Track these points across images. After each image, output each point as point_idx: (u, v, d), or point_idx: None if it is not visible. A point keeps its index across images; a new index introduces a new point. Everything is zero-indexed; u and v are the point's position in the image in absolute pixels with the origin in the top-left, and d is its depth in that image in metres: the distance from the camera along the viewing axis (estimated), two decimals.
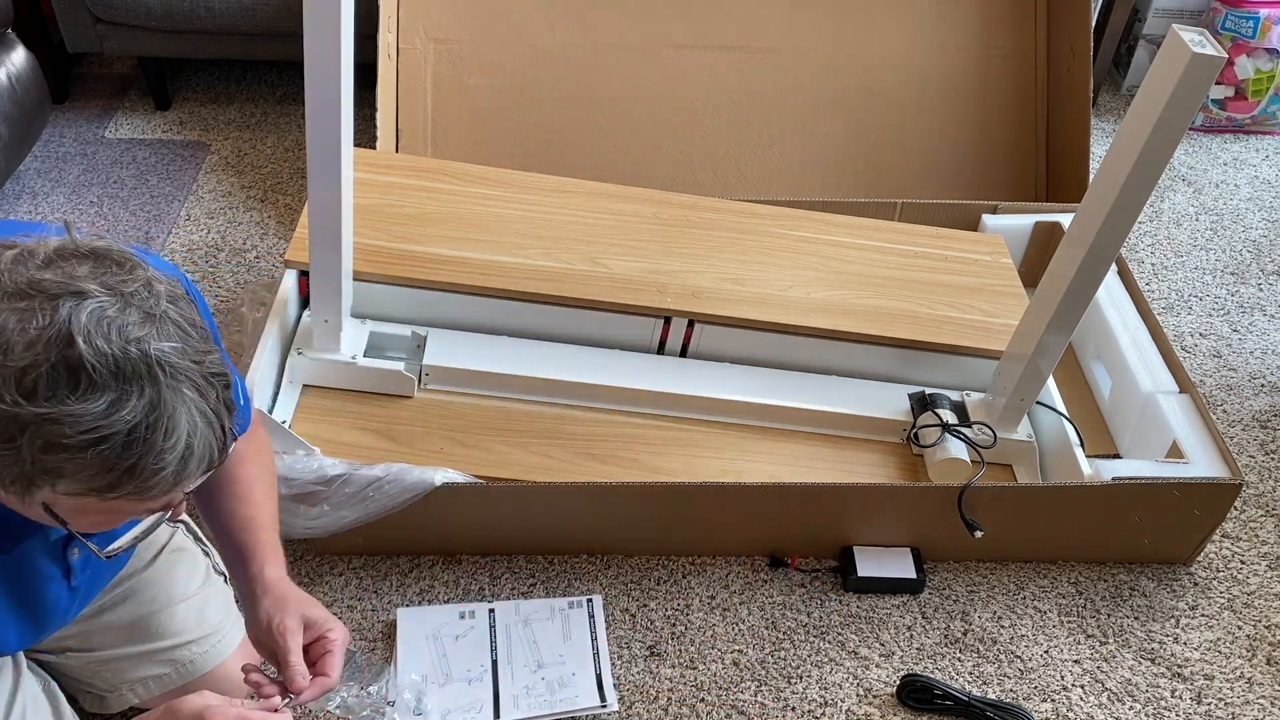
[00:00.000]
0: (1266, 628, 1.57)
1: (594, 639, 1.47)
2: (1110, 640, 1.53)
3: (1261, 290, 2.20)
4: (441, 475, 1.44)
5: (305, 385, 1.60)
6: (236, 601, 1.31)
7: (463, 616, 1.48)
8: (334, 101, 1.30)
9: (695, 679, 1.44)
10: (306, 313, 1.60)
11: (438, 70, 2.11)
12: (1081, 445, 1.60)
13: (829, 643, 1.50)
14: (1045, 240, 2.03)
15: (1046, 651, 1.51)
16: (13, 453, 0.75)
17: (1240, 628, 1.56)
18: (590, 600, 1.51)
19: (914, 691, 1.43)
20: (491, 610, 1.49)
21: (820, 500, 1.52)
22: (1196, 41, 1.22)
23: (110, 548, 0.91)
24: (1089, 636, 1.53)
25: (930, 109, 2.21)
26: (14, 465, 0.76)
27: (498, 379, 1.62)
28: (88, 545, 0.90)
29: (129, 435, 0.75)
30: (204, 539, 1.33)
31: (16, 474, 0.77)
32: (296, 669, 1.04)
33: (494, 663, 1.43)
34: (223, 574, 1.32)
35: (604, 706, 1.39)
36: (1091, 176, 2.08)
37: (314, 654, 1.08)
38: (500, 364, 1.62)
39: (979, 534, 1.51)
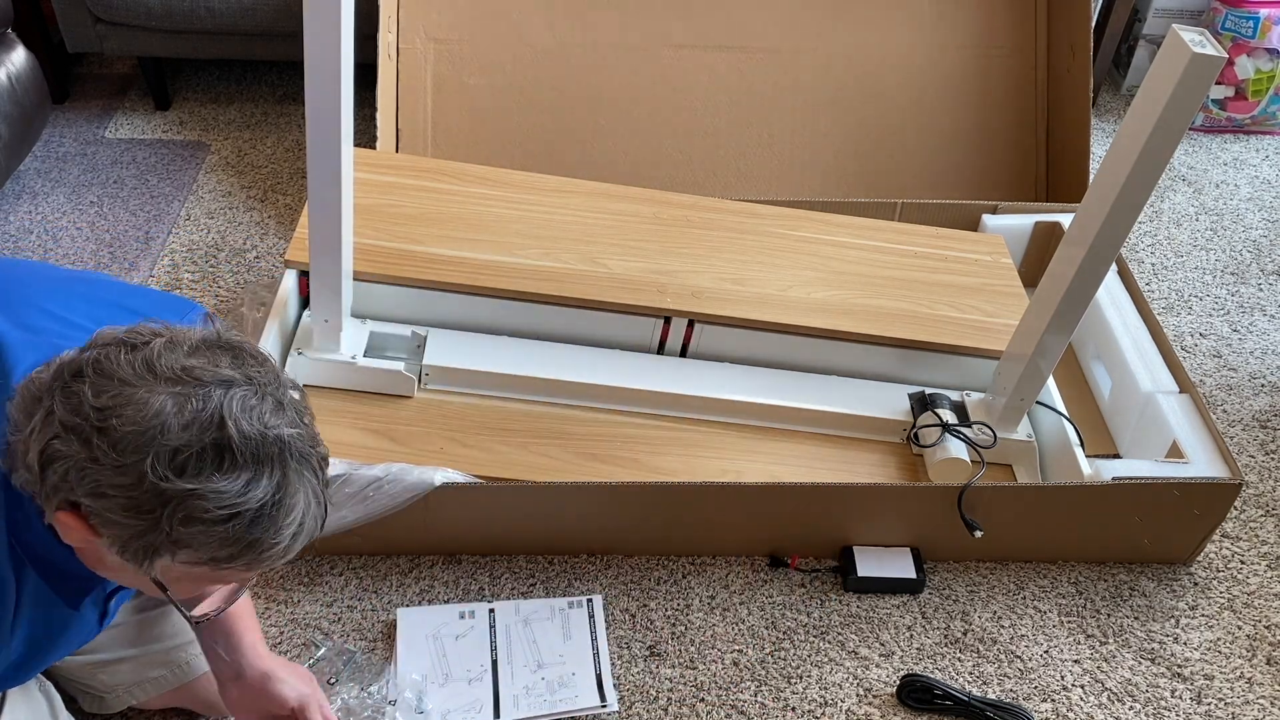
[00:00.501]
0: (1266, 628, 1.57)
1: (594, 639, 1.47)
2: (1110, 640, 1.53)
3: (1261, 290, 2.20)
4: (441, 475, 1.44)
5: (305, 385, 1.60)
6: None
7: (463, 616, 1.48)
8: (334, 101, 1.30)
9: (695, 679, 1.44)
10: (306, 313, 1.60)
11: (438, 70, 2.11)
12: (1081, 445, 1.60)
13: (829, 643, 1.50)
14: (1045, 240, 2.03)
15: (1046, 651, 1.51)
16: (150, 523, 0.81)
17: (1240, 628, 1.56)
18: (590, 600, 1.51)
19: (914, 691, 1.43)
20: (491, 610, 1.49)
21: (820, 500, 1.52)
22: (1196, 41, 1.22)
23: (198, 612, 0.96)
24: (1089, 636, 1.53)
25: (930, 109, 2.21)
26: (147, 535, 0.82)
27: (498, 379, 1.62)
28: (180, 610, 0.96)
29: (258, 512, 0.82)
30: None
31: (146, 543, 0.83)
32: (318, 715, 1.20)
33: (494, 662, 1.43)
34: None
35: (604, 706, 1.39)
36: (1091, 176, 2.08)
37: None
38: (500, 364, 1.62)
39: (979, 534, 1.51)
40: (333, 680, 1.38)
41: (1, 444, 0.87)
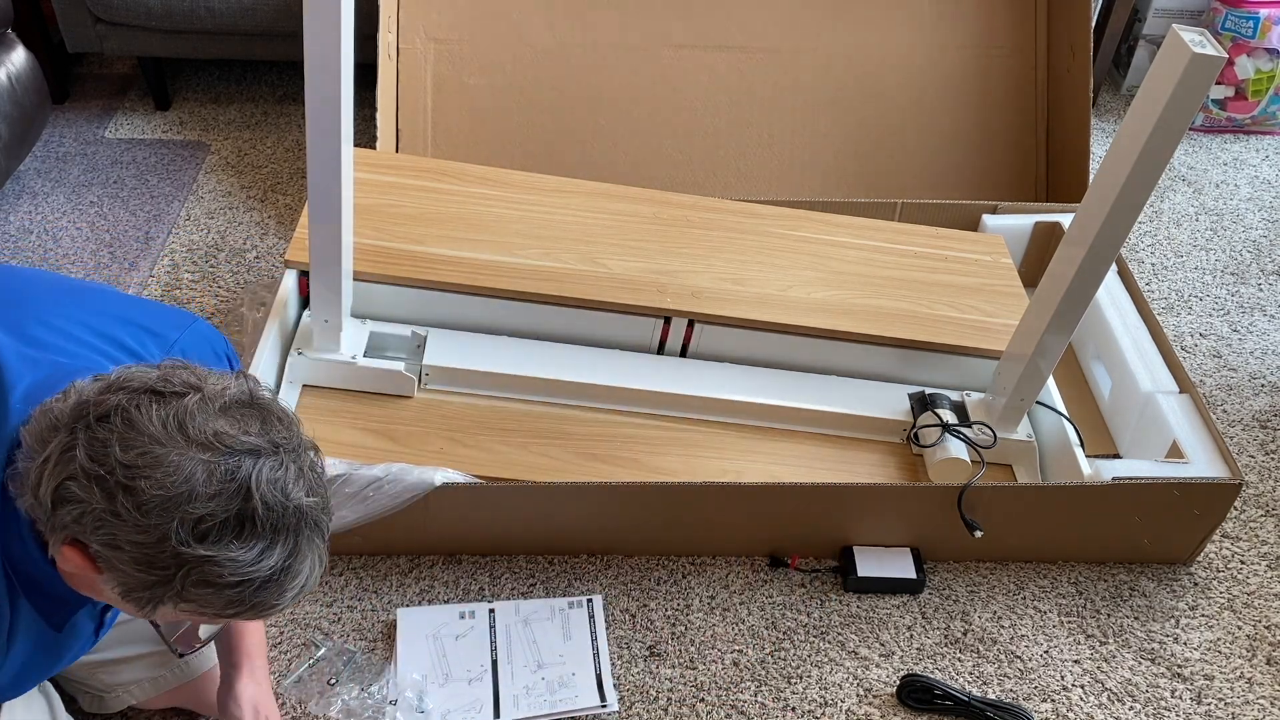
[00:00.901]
0: (1266, 628, 1.57)
1: (594, 639, 1.47)
2: (1110, 640, 1.53)
3: (1261, 290, 2.20)
4: (441, 475, 1.44)
5: (305, 385, 1.60)
6: None
7: (463, 616, 1.48)
8: (334, 101, 1.30)
9: (695, 679, 1.44)
10: (306, 313, 1.60)
11: (438, 70, 2.11)
12: (1081, 445, 1.60)
13: (829, 643, 1.50)
14: (1045, 240, 2.03)
15: (1046, 651, 1.51)
16: (161, 579, 0.83)
17: (1240, 628, 1.56)
18: (590, 600, 1.51)
19: (914, 691, 1.43)
20: (491, 610, 1.49)
21: (820, 500, 1.52)
22: (1196, 41, 1.22)
23: (188, 651, 1.00)
24: (1089, 636, 1.53)
25: (930, 109, 2.21)
26: (157, 589, 0.84)
27: (498, 379, 1.62)
28: (169, 644, 1.00)
29: (267, 578, 0.84)
30: None
31: (152, 594, 0.84)
32: None
33: (494, 662, 1.43)
34: None
35: (604, 706, 1.39)
36: (1091, 176, 2.08)
37: None
38: (500, 364, 1.62)
39: (979, 534, 1.51)
40: (333, 680, 1.38)
41: (1, 462, 0.87)
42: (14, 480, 0.86)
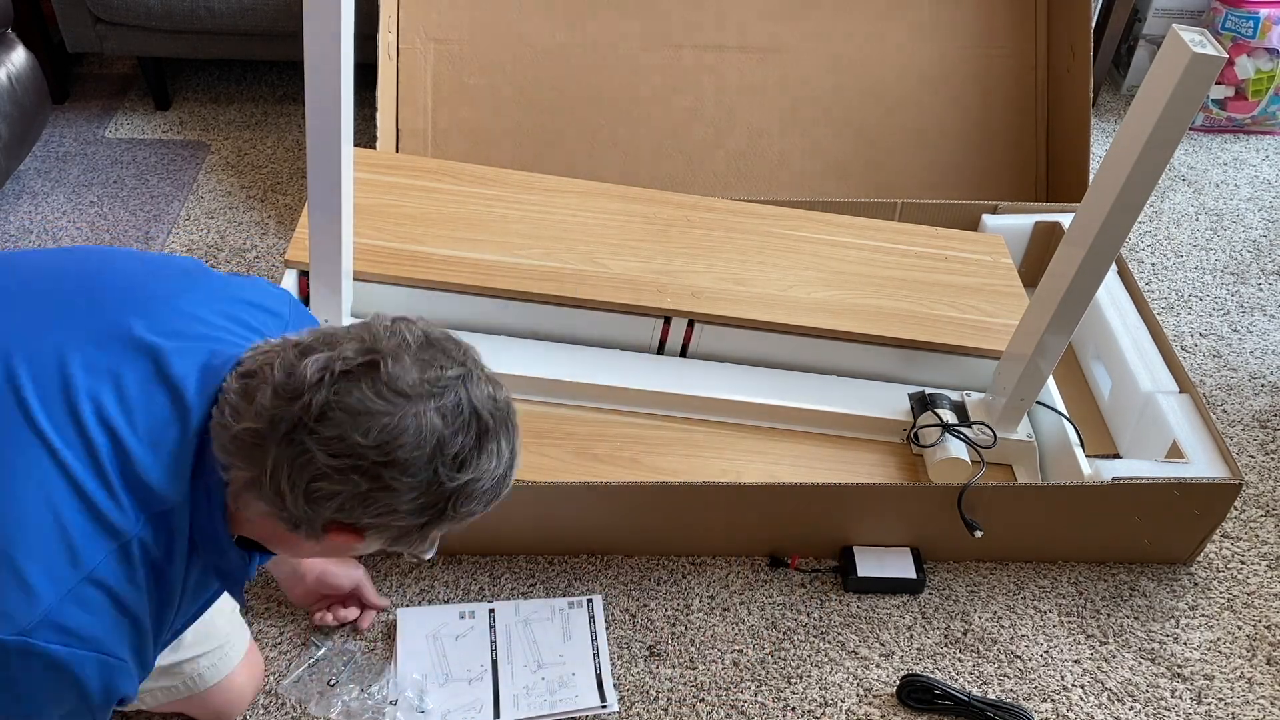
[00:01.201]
0: (1266, 628, 1.57)
1: (594, 639, 1.47)
2: (1110, 640, 1.53)
3: (1261, 290, 2.20)
4: None
5: None
6: (241, 611, 1.34)
7: (463, 616, 1.48)
8: (334, 101, 1.30)
9: (695, 679, 1.44)
10: None
11: (438, 70, 2.11)
12: (1081, 445, 1.60)
13: (829, 643, 1.50)
14: (1045, 240, 2.03)
15: (1046, 651, 1.51)
16: (436, 516, 0.91)
17: (1240, 628, 1.56)
18: (590, 600, 1.51)
19: (914, 691, 1.43)
20: (492, 610, 1.49)
21: (820, 500, 1.52)
22: (1196, 41, 1.22)
23: (430, 554, 1.03)
24: (1089, 636, 1.53)
25: (930, 109, 2.21)
26: (429, 525, 0.92)
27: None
28: (415, 557, 1.15)
29: (507, 471, 0.94)
30: None
31: (423, 531, 0.93)
32: (371, 591, 1.46)
33: (494, 663, 1.43)
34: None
35: (604, 706, 1.39)
36: (1091, 176, 2.08)
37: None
38: (500, 364, 1.61)
39: (979, 534, 1.51)
40: (333, 681, 1.38)
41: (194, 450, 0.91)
42: (228, 486, 0.91)
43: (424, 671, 1.41)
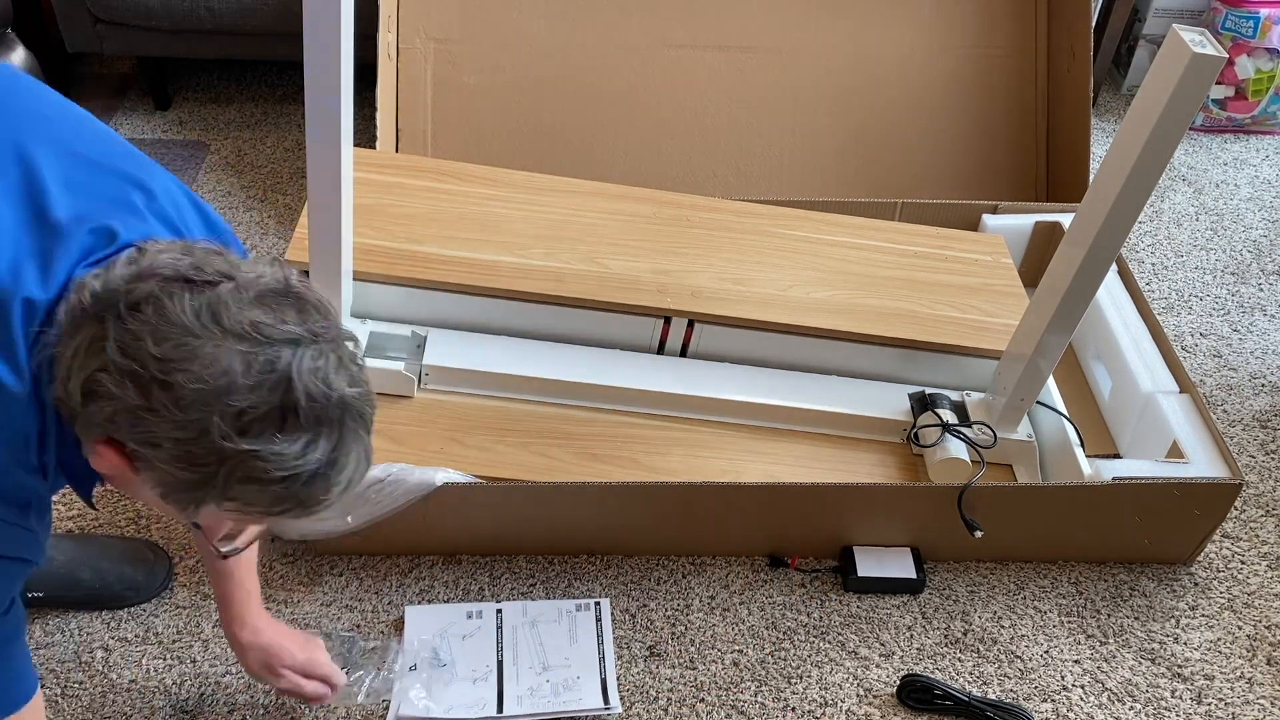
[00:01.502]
0: (1266, 628, 1.57)
1: (600, 643, 1.47)
2: (1110, 640, 1.53)
3: (1261, 290, 2.20)
4: (443, 475, 1.44)
5: None
6: None
7: (470, 616, 1.48)
8: (334, 101, 1.30)
9: (695, 679, 1.44)
10: None
11: (438, 70, 2.11)
12: (1081, 445, 1.60)
13: (829, 643, 1.50)
14: (1045, 240, 2.03)
15: (1046, 651, 1.51)
16: (203, 477, 0.80)
17: (1240, 628, 1.56)
18: (598, 604, 1.51)
19: (914, 691, 1.43)
20: (499, 610, 1.49)
21: (820, 500, 1.52)
22: (1196, 41, 1.22)
23: (229, 549, 0.96)
24: (1089, 636, 1.53)
25: (930, 109, 2.21)
26: (199, 490, 0.81)
27: (498, 379, 1.62)
28: (213, 546, 0.96)
29: (314, 473, 0.81)
30: None
31: (194, 495, 0.82)
32: (333, 671, 1.27)
33: (499, 663, 1.43)
34: None
35: (608, 710, 1.39)
36: (1091, 176, 2.08)
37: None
38: (500, 364, 1.62)
39: (979, 534, 1.51)
40: (348, 670, 1.38)
41: (31, 335, 0.82)
42: (51, 367, 0.82)
43: (427, 671, 1.41)
